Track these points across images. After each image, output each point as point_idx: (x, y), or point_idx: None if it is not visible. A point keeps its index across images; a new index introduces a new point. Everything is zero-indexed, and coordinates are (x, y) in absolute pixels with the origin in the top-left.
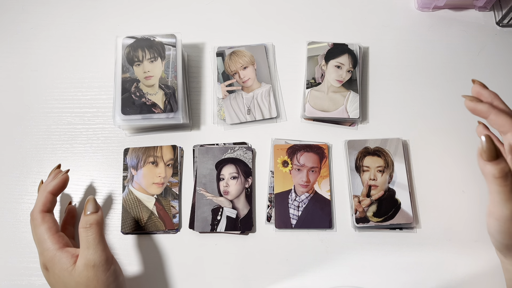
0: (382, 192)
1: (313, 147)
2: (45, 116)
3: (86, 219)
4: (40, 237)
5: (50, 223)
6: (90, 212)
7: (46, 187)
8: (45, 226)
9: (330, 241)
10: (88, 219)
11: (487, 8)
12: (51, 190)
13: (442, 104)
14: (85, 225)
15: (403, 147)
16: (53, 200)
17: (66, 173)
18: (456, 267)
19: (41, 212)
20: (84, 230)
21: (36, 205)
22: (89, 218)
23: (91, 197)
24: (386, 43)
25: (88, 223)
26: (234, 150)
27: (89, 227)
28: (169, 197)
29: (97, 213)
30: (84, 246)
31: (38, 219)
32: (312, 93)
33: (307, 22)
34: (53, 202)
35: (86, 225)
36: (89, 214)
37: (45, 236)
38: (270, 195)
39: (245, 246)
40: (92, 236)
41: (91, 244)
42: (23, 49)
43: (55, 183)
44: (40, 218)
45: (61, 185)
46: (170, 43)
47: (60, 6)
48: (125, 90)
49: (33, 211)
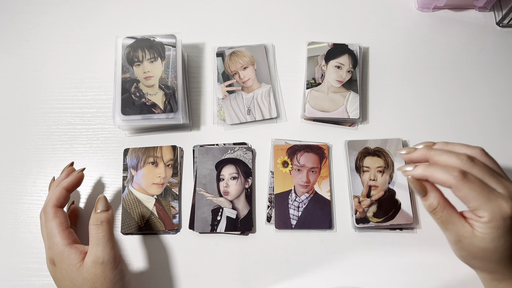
0: (382, 193)
1: (313, 148)
2: (45, 116)
3: (97, 217)
4: (51, 231)
5: (62, 218)
6: (101, 210)
7: (61, 183)
8: (56, 220)
9: (330, 241)
10: (99, 216)
11: (487, 8)
12: (66, 186)
13: (442, 104)
14: (96, 222)
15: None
16: (67, 197)
17: (81, 171)
18: (456, 267)
19: (54, 207)
20: (95, 227)
21: (50, 200)
22: (100, 215)
23: (102, 196)
24: (386, 43)
25: (99, 220)
26: (234, 151)
27: (100, 224)
28: (169, 197)
29: (107, 211)
30: (93, 243)
31: (50, 213)
32: (312, 93)
33: (307, 22)
34: (67, 198)
35: (97, 222)
36: (100, 212)
37: (55, 230)
38: (270, 195)
39: (245, 246)
40: (102, 234)
41: (101, 242)
42: (23, 49)
43: (70, 179)
44: (53, 212)
45: (76, 182)
46: (170, 43)
47: (60, 6)
48: (125, 91)
49: (46, 205)
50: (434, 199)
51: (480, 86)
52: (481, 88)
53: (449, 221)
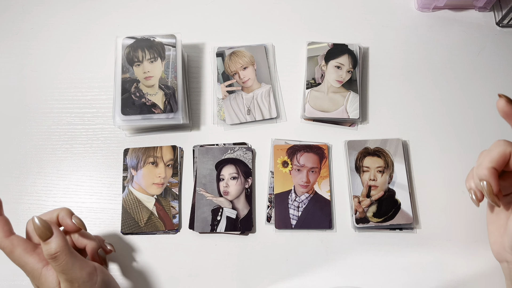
0: (382, 193)
1: (313, 148)
2: (45, 116)
3: (48, 251)
4: (20, 261)
5: (22, 244)
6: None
7: None
8: (19, 249)
9: (330, 241)
10: (49, 249)
11: (487, 8)
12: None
13: (442, 104)
14: (49, 257)
15: (403, 147)
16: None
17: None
18: (456, 267)
19: (6, 238)
20: (52, 262)
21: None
22: (50, 248)
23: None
24: (386, 43)
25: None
26: (234, 151)
27: (55, 258)
28: (169, 197)
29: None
30: (60, 273)
31: (8, 246)
32: (312, 94)
33: (307, 22)
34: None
35: (51, 257)
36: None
37: (24, 259)
38: (270, 195)
39: (245, 246)
40: (63, 263)
41: (66, 270)
42: (23, 49)
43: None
44: (9, 243)
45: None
46: (170, 44)
47: (60, 6)
48: (125, 91)
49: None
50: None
51: (480, 86)
52: (481, 88)
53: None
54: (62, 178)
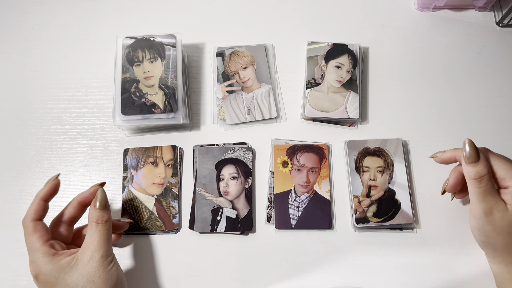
0: (382, 193)
1: (313, 148)
2: (45, 116)
3: (100, 215)
4: (32, 245)
5: (41, 231)
6: (103, 208)
7: (37, 194)
8: (36, 235)
9: (330, 241)
10: (102, 215)
11: (487, 8)
12: (42, 197)
13: (442, 104)
14: (97, 220)
15: (403, 147)
16: (45, 207)
17: (56, 178)
18: (456, 267)
19: (32, 221)
20: (96, 225)
21: (27, 214)
22: (104, 215)
23: (103, 192)
24: (386, 43)
25: (103, 219)
26: (234, 151)
27: (102, 223)
28: (169, 197)
29: (109, 210)
30: (94, 239)
31: (29, 227)
32: (312, 94)
33: (307, 22)
34: (45, 209)
35: (99, 221)
36: (103, 210)
37: (36, 245)
38: (270, 195)
39: (245, 246)
40: (104, 232)
41: (102, 239)
42: (23, 49)
43: (45, 189)
44: (31, 226)
45: (52, 191)
46: (170, 44)
47: (60, 6)
48: (125, 91)
49: (25, 219)
50: (484, 168)
51: (480, 86)
52: (481, 88)
53: (489, 192)
54: (62, 178)
